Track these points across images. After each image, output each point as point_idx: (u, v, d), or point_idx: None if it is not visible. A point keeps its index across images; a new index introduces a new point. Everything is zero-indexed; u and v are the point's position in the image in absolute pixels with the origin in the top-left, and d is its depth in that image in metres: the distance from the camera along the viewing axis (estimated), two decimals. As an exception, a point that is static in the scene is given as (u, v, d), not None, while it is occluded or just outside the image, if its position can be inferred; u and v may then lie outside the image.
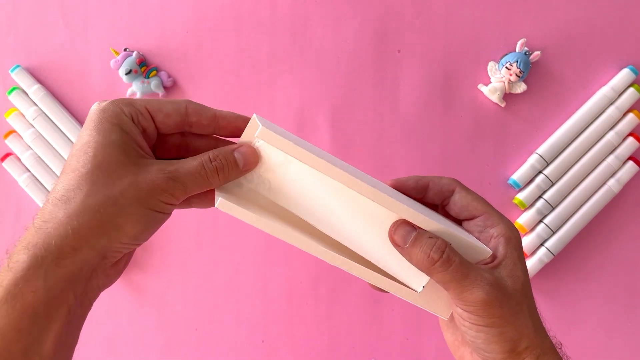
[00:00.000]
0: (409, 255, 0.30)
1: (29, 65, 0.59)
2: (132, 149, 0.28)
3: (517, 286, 0.31)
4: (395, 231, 0.31)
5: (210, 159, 0.30)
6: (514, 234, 0.33)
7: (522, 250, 0.33)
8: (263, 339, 0.58)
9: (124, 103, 0.29)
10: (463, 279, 0.29)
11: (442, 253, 0.30)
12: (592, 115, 0.56)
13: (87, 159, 0.27)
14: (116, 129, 0.28)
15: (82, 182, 0.26)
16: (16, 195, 0.59)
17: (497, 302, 0.29)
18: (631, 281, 0.57)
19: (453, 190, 0.34)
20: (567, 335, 0.57)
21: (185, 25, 0.58)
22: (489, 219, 0.33)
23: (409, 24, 0.58)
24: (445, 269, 0.29)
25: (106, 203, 0.26)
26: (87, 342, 0.59)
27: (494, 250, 0.32)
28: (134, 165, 0.27)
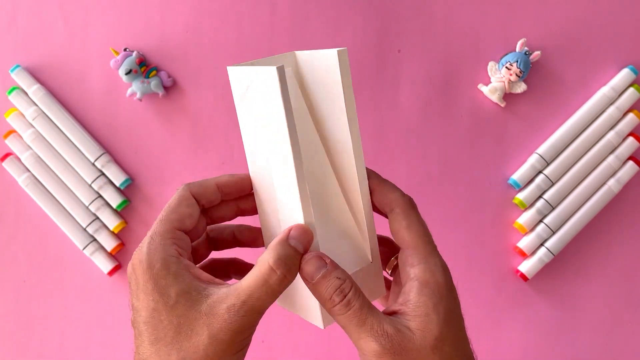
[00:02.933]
0: (314, 291, 0.29)
1: (29, 65, 0.59)
2: (196, 292, 0.28)
3: (426, 341, 0.27)
4: (305, 264, 0.29)
5: (272, 268, 0.27)
6: (433, 278, 0.29)
7: (443, 297, 0.29)
8: (263, 339, 0.58)
9: (164, 245, 0.29)
10: (360, 326, 0.28)
11: (344, 296, 0.28)
12: (592, 115, 0.56)
13: (164, 328, 0.27)
14: (171, 281, 0.28)
15: (168, 354, 0.27)
16: (16, 195, 0.59)
17: (391, 355, 0.27)
18: (631, 281, 0.57)
19: (390, 210, 0.31)
20: (567, 335, 0.57)
21: (185, 25, 0.58)
22: (412, 255, 0.30)
23: (409, 24, 0.57)
24: (343, 313, 0.28)
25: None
26: (87, 342, 0.59)
27: (405, 296, 0.29)
28: (206, 315, 0.27)
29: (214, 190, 0.32)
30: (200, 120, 0.58)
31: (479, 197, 0.57)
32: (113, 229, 0.57)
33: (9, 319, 0.59)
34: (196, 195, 0.31)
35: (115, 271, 0.58)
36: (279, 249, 0.28)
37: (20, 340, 0.59)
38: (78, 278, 0.59)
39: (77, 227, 0.57)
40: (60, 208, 0.57)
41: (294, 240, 0.28)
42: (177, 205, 0.30)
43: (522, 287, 0.57)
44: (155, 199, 0.59)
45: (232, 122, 0.58)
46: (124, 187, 0.58)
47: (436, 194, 0.57)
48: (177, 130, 0.58)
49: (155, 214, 0.58)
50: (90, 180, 0.57)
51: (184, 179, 0.58)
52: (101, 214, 0.57)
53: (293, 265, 0.28)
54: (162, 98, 0.58)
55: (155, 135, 0.59)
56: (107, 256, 0.58)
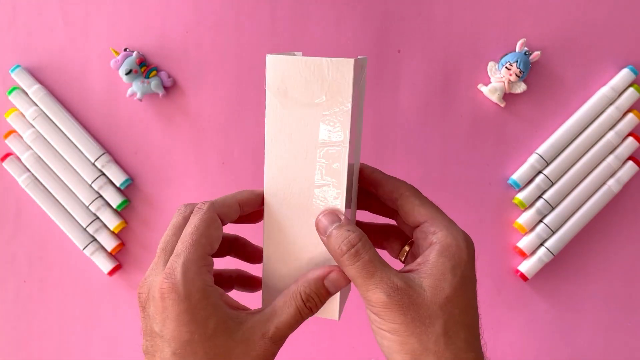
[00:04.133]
0: (326, 245, 0.30)
1: (29, 65, 0.59)
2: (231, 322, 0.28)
3: (436, 298, 0.28)
4: (320, 219, 0.30)
5: (303, 300, 0.29)
6: (455, 242, 0.30)
7: (462, 261, 0.29)
8: (263, 339, 0.58)
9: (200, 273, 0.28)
10: (369, 277, 0.28)
11: (351, 247, 0.29)
12: (592, 115, 0.56)
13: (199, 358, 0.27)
14: (210, 312, 0.28)
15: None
16: (16, 195, 0.59)
17: (398, 307, 0.27)
18: (631, 281, 0.57)
19: (400, 194, 0.32)
20: (567, 335, 0.57)
21: (185, 25, 0.58)
22: (433, 225, 0.31)
23: (409, 24, 0.58)
24: (352, 264, 0.28)
25: None
26: (87, 342, 0.59)
27: (425, 257, 0.30)
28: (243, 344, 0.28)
29: (236, 209, 0.32)
30: (200, 120, 0.58)
31: (479, 197, 0.57)
32: (113, 229, 0.57)
33: (9, 319, 0.59)
34: (221, 215, 0.31)
35: (115, 271, 0.58)
36: (313, 285, 0.30)
37: (20, 340, 0.59)
38: (78, 278, 0.59)
39: (77, 227, 0.57)
40: (60, 208, 0.57)
41: (330, 283, 0.30)
42: (207, 229, 0.30)
43: (522, 287, 0.57)
44: (155, 199, 0.59)
45: (232, 122, 0.58)
46: (124, 187, 0.58)
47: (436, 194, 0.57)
48: (177, 130, 0.58)
49: (155, 214, 0.58)
50: (90, 180, 0.57)
51: (184, 179, 0.58)
52: (101, 214, 0.57)
53: (321, 302, 0.30)
54: (162, 98, 0.58)
55: (155, 135, 0.59)
56: (107, 256, 0.58)
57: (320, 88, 0.29)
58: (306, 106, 0.30)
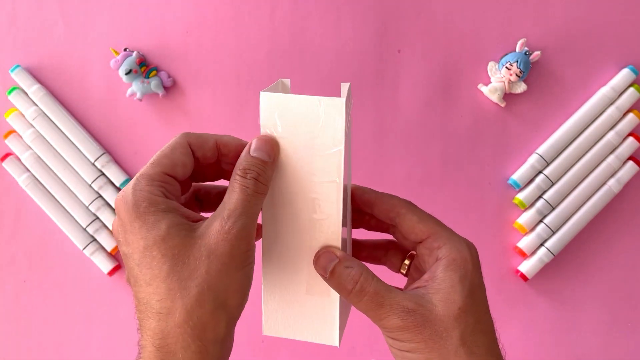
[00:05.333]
0: (331, 284, 0.30)
1: (29, 65, 0.59)
2: (186, 224, 0.28)
3: (449, 311, 0.28)
4: (318, 260, 0.30)
5: (241, 175, 0.28)
6: (460, 255, 0.30)
7: (469, 271, 0.30)
8: (263, 339, 0.58)
9: (150, 186, 0.28)
10: (378, 308, 0.28)
11: (355, 284, 0.29)
12: (592, 115, 0.56)
13: (158, 263, 0.26)
14: (160, 217, 0.27)
15: (169, 287, 0.26)
16: (16, 195, 0.59)
17: (414, 328, 0.28)
18: (631, 281, 0.57)
19: (397, 213, 0.32)
20: (567, 335, 0.57)
21: (185, 25, 0.58)
22: (436, 240, 0.31)
23: (409, 24, 0.58)
24: (360, 300, 0.29)
25: (201, 293, 0.26)
26: (87, 342, 0.59)
27: (433, 273, 0.30)
28: (200, 239, 0.27)
29: (212, 146, 0.31)
30: (200, 120, 0.58)
31: (479, 197, 0.57)
32: (113, 229, 0.57)
33: (9, 319, 0.59)
34: (193, 145, 0.31)
35: (115, 271, 0.58)
36: (242, 161, 0.29)
37: (20, 340, 0.59)
38: (78, 278, 0.59)
39: (77, 227, 0.57)
40: (60, 208, 0.57)
41: (256, 151, 0.29)
42: (171, 151, 0.30)
43: (522, 287, 0.57)
44: (155, 199, 0.59)
45: (232, 122, 0.58)
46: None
47: (436, 194, 0.57)
48: (177, 130, 0.58)
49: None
50: (90, 180, 0.57)
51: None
52: (101, 214, 0.57)
53: (260, 170, 0.28)
54: (162, 98, 0.58)
55: (155, 135, 0.59)
56: (107, 256, 0.58)
57: (314, 125, 0.30)
58: (300, 143, 0.30)
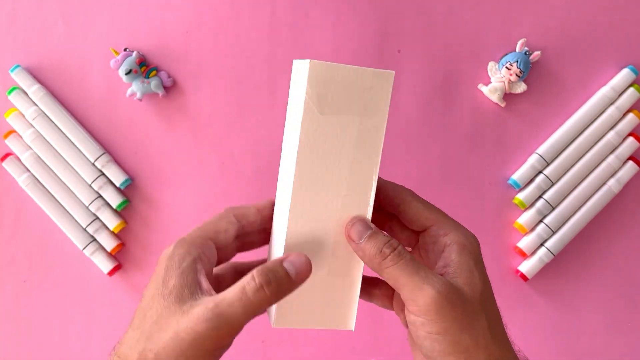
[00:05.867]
0: (362, 251, 0.30)
1: (29, 65, 0.59)
2: (188, 291, 0.28)
3: (474, 294, 0.29)
4: (352, 227, 0.31)
5: (252, 276, 0.27)
6: (468, 241, 0.31)
7: (480, 257, 0.31)
8: (263, 339, 0.58)
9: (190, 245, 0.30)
10: (414, 274, 0.28)
11: (393, 249, 0.29)
12: (592, 115, 0.56)
13: (148, 315, 0.28)
14: (176, 274, 0.29)
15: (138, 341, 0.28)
16: (16, 195, 0.59)
17: (449, 303, 0.28)
18: (631, 281, 0.57)
19: (402, 200, 0.33)
20: (567, 335, 0.57)
21: (185, 25, 0.58)
22: (441, 228, 0.32)
23: (409, 24, 0.58)
24: (396, 263, 0.29)
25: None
26: (87, 342, 0.59)
27: (447, 259, 0.30)
28: (181, 314, 0.27)
29: (254, 212, 0.34)
30: (200, 120, 0.58)
31: (479, 197, 0.57)
32: (113, 229, 0.57)
33: (9, 319, 0.59)
34: (238, 216, 0.33)
35: (115, 271, 0.58)
36: (269, 264, 0.29)
37: (20, 340, 0.59)
38: (78, 278, 0.59)
39: (77, 227, 0.57)
40: (60, 208, 0.57)
41: (289, 263, 0.29)
42: (217, 220, 0.32)
43: (522, 287, 0.57)
44: (155, 199, 0.59)
45: (232, 122, 0.58)
46: (124, 187, 0.58)
47: (436, 194, 0.57)
48: (177, 130, 0.58)
49: (155, 214, 0.58)
50: (90, 180, 0.57)
51: (184, 179, 0.58)
52: (101, 214, 0.57)
53: (275, 280, 0.28)
54: (162, 98, 0.58)
55: (155, 135, 0.59)
56: (107, 256, 0.58)
57: (360, 98, 0.30)
58: (344, 114, 0.30)
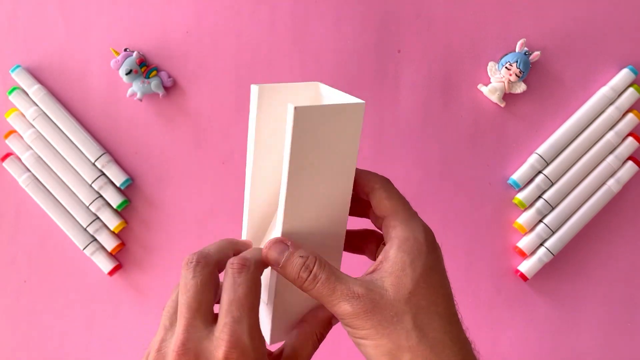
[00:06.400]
0: (284, 274, 0.30)
1: (29, 65, 0.59)
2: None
3: (399, 295, 0.28)
4: (269, 251, 0.30)
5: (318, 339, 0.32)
6: (413, 235, 0.30)
7: (422, 254, 0.30)
8: (263, 339, 0.58)
9: (260, 340, 0.28)
10: (330, 294, 0.29)
11: (309, 272, 0.29)
12: (592, 115, 0.56)
13: None
14: None
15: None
16: (16, 195, 0.59)
17: (363, 314, 0.28)
18: (631, 281, 0.57)
19: (371, 187, 0.33)
20: (567, 335, 0.57)
21: (185, 25, 0.58)
22: (393, 219, 0.31)
23: (409, 24, 0.58)
24: (313, 287, 0.29)
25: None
26: (87, 342, 0.59)
27: (385, 254, 0.30)
28: None
29: None
30: (200, 120, 0.58)
31: (478, 197, 0.57)
32: (113, 229, 0.57)
33: (9, 319, 0.59)
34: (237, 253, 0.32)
35: (115, 271, 0.58)
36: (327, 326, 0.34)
37: (21, 340, 0.59)
38: (78, 278, 0.59)
39: (77, 227, 0.57)
40: (60, 208, 0.57)
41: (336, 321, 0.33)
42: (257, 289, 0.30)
43: (522, 287, 0.57)
44: (155, 199, 0.59)
45: (232, 122, 0.58)
46: (124, 187, 0.58)
47: (436, 194, 0.57)
48: (177, 130, 0.58)
49: (156, 214, 0.58)
50: (90, 180, 0.57)
51: (184, 179, 0.58)
52: (101, 214, 0.57)
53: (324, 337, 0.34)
54: (162, 98, 0.58)
55: (156, 135, 0.59)
56: (107, 256, 0.58)
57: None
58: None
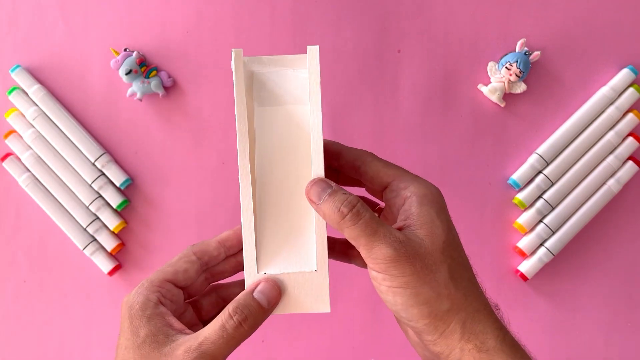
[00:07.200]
0: (321, 212, 0.30)
1: (29, 65, 0.59)
2: (162, 336, 0.29)
3: (435, 245, 0.29)
4: (311, 188, 0.31)
5: (230, 314, 0.30)
6: (429, 190, 0.31)
7: (442, 206, 0.31)
8: (263, 339, 0.58)
9: (148, 290, 0.31)
10: (372, 234, 0.29)
11: (352, 207, 0.29)
12: (592, 115, 0.56)
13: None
14: (144, 323, 0.30)
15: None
16: (16, 195, 0.59)
17: (406, 259, 0.28)
18: (631, 281, 0.57)
19: (362, 161, 0.33)
20: (567, 335, 0.57)
21: (185, 25, 0.58)
22: (401, 182, 0.32)
23: (409, 24, 0.58)
24: (354, 223, 0.29)
25: None
26: (87, 342, 0.59)
27: (407, 212, 0.30)
28: (165, 356, 0.28)
29: (215, 246, 0.34)
30: (200, 120, 0.58)
31: (478, 197, 0.57)
32: (113, 229, 0.57)
33: (9, 319, 0.59)
34: (198, 253, 0.34)
35: (115, 271, 0.58)
36: (241, 298, 0.30)
37: (20, 340, 0.59)
38: (78, 278, 0.59)
39: (77, 227, 0.57)
40: (60, 208, 0.57)
41: (260, 294, 0.31)
42: (176, 261, 0.33)
43: (522, 287, 0.57)
44: (155, 199, 0.59)
45: (232, 122, 0.58)
46: (124, 187, 0.58)
47: (436, 194, 0.57)
48: (177, 130, 0.58)
49: (156, 214, 0.58)
50: (90, 180, 0.57)
51: (184, 179, 0.58)
52: (101, 214, 0.57)
53: (251, 315, 0.30)
54: (162, 98, 0.58)
55: (155, 135, 0.59)
56: (107, 256, 0.58)
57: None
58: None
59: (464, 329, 0.28)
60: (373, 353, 0.57)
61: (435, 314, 0.28)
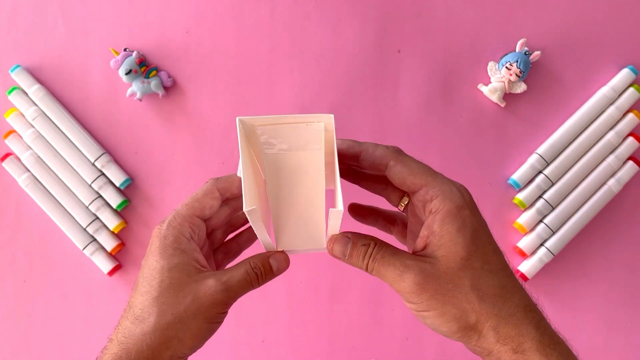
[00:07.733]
0: (350, 264, 0.33)
1: (29, 65, 0.59)
2: (192, 267, 0.33)
3: (451, 264, 0.30)
4: (333, 247, 0.33)
5: (252, 267, 0.34)
6: (454, 205, 0.31)
7: (467, 218, 0.31)
8: (263, 339, 0.58)
9: (181, 225, 0.34)
10: (391, 271, 0.31)
11: (370, 257, 0.32)
12: (592, 115, 0.56)
13: (157, 284, 0.32)
14: (177, 253, 0.33)
15: (153, 304, 0.32)
16: (16, 195, 0.59)
17: (423, 284, 0.30)
18: (631, 281, 0.57)
19: (387, 163, 0.34)
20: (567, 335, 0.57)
21: (185, 25, 0.58)
22: (428, 192, 0.32)
23: (409, 24, 0.58)
24: (372, 269, 0.32)
25: (173, 321, 0.31)
26: (87, 342, 0.59)
27: (430, 228, 0.31)
28: (195, 283, 0.32)
29: (238, 185, 0.35)
30: (200, 120, 0.58)
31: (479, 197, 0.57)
32: (113, 229, 0.57)
33: (9, 319, 0.59)
34: (221, 189, 0.35)
35: (115, 271, 0.58)
36: (260, 258, 0.34)
37: (20, 340, 0.59)
38: (78, 278, 0.59)
39: (77, 227, 0.57)
40: (60, 208, 0.57)
41: (274, 260, 0.35)
42: (202, 196, 0.35)
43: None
44: (155, 199, 0.59)
45: (232, 122, 0.58)
46: (124, 187, 0.58)
47: (436, 194, 0.57)
48: (177, 130, 0.58)
49: (155, 214, 0.58)
50: (90, 180, 0.57)
51: (184, 179, 0.58)
52: (101, 214, 0.57)
53: (264, 274, 0.34)
54: (162, 98, 0.58)
55: (155, 135, 0.59)
56: (107, 256, 0.58)
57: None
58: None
59: (497, 334, 0.29)
60: (373, 353, 0.57)
61: (464, 328, 0.30)
